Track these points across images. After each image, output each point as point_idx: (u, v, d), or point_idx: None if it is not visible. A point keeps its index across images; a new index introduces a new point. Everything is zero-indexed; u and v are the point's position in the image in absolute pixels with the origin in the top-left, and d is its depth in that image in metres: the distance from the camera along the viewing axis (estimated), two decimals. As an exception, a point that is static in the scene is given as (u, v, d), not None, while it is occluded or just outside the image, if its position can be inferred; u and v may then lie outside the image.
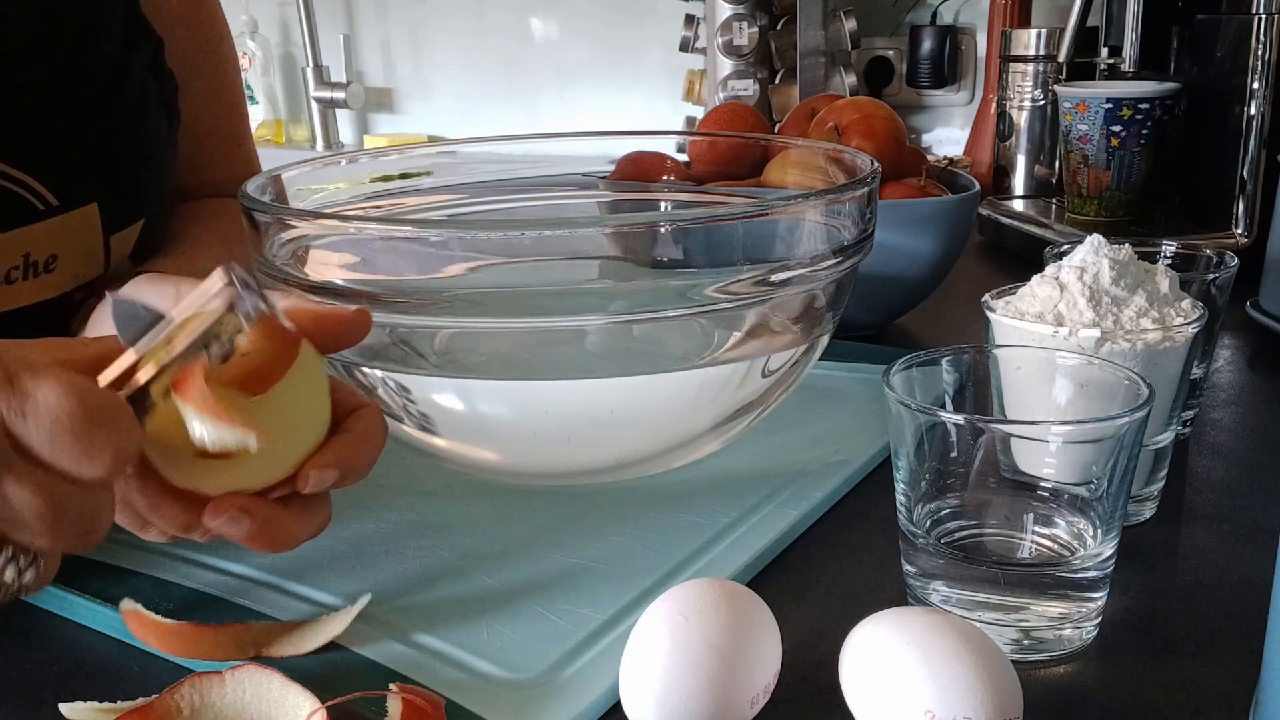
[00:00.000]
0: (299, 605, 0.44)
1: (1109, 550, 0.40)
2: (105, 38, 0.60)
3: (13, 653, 0.43)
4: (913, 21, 1.50)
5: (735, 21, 1.39)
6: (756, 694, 0.36)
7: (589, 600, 0.44)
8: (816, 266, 0.50)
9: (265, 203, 0.51)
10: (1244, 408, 0.66)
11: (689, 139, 0.84)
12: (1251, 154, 0.91)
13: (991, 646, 0.35)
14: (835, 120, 0.82)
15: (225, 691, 0.37)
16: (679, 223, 0.52)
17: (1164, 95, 0.99)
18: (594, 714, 0.38)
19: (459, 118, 1.96)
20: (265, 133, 2.07)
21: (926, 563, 0.42)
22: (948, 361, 0.45)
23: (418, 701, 0.36)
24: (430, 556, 0.48)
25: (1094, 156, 1.01)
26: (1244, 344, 0.77)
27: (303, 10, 1.90)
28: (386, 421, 0.39)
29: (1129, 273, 0.49)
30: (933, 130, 1.56)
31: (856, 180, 0.53)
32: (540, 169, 0.72)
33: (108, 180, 0.59)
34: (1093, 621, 0.41)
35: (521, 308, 0.49)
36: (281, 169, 0.58)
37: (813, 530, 0.51)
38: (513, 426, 0.53)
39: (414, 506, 0.53)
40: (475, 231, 0.49)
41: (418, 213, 0.67)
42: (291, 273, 0.49)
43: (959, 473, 0.41)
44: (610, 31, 1.77)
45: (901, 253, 0.74)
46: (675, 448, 0.53)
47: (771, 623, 0.38)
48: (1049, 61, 1.17)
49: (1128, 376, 0.42)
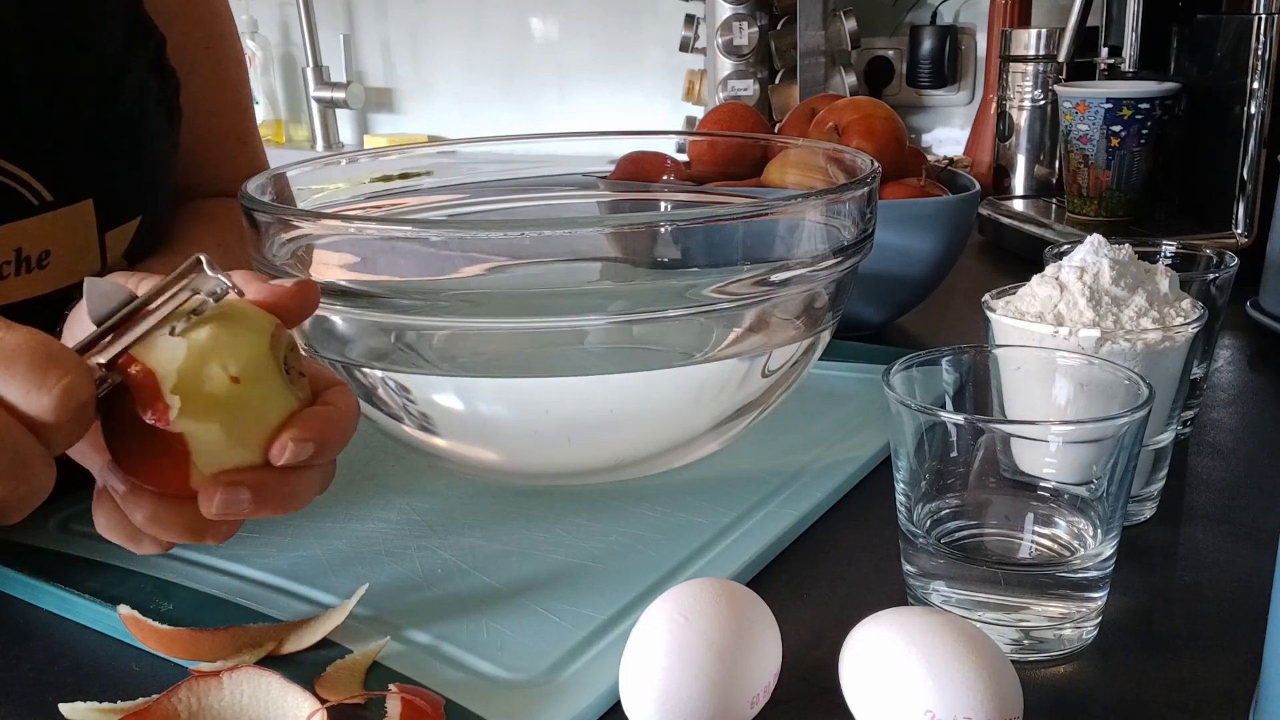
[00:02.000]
0: (298, 605, 0.44)
1: (1109, 550, 0.40)
2: (105, 34, 0.60)
3: (13, 653, 0.43)
4: (913, 21, 1.50)
5: (735, 21, 1.39)
6: (756, 694, 0.36)
7: (589, 600, 0.44)
8: (816, 266, 0.50)
9: (265, 203, 0.51)
10: (1244, 408, 0.66)
11: (689, 139, 0.84)
12: (1251, 154, 0.91)
13: (991, 646, 0.35)
14: (835, 120, 0.82)
15: (223, 694, 0.37)
16: (679, 223, 0.52)
17: (1164, 95, 0.99)
18: (594, 714, 0.38)
19: (459, 118, 1.96)
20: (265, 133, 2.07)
21: (926, 563, 0.42)
22: (948, 361, 0.45)
23: (417, 701, 0.36)
24: (430, 556, 0.48)
25: (1094, 156, 1.01)
26: (1244, 344, 0.77)
27: (303, 10, 1.90)
28: (359, 402, 0.39)
29: (1129, 273, 0.49)
30: (933, 130, 1.56)
31: (856, 180, 0.53)
32: (540, 169, 0.72)
33: (103, 177, 0.59)
34: (1093, 621, 0.41)
35: (521, 308, 0.49)
36: (281, 169, 0.58)
37: (813, 530, 0.51)
38: (513, 426, 0.53)
39: (414, 506, 0.53)
40: (475, 231, 0.49)
41: (418, 213, 0.67)
42: (292, 273, 0.49)
43: (959, 473, 0.41)
44: (610, 31, 1.77)
45: (901, 253, 0.74)
46: (675, 448, 0.53)
47: (771, 623, 0.38)
48: (1049, 61, 1.17)
49: (1128, 376, 0.42)
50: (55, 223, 0.56)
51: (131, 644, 0.43)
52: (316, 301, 0.39)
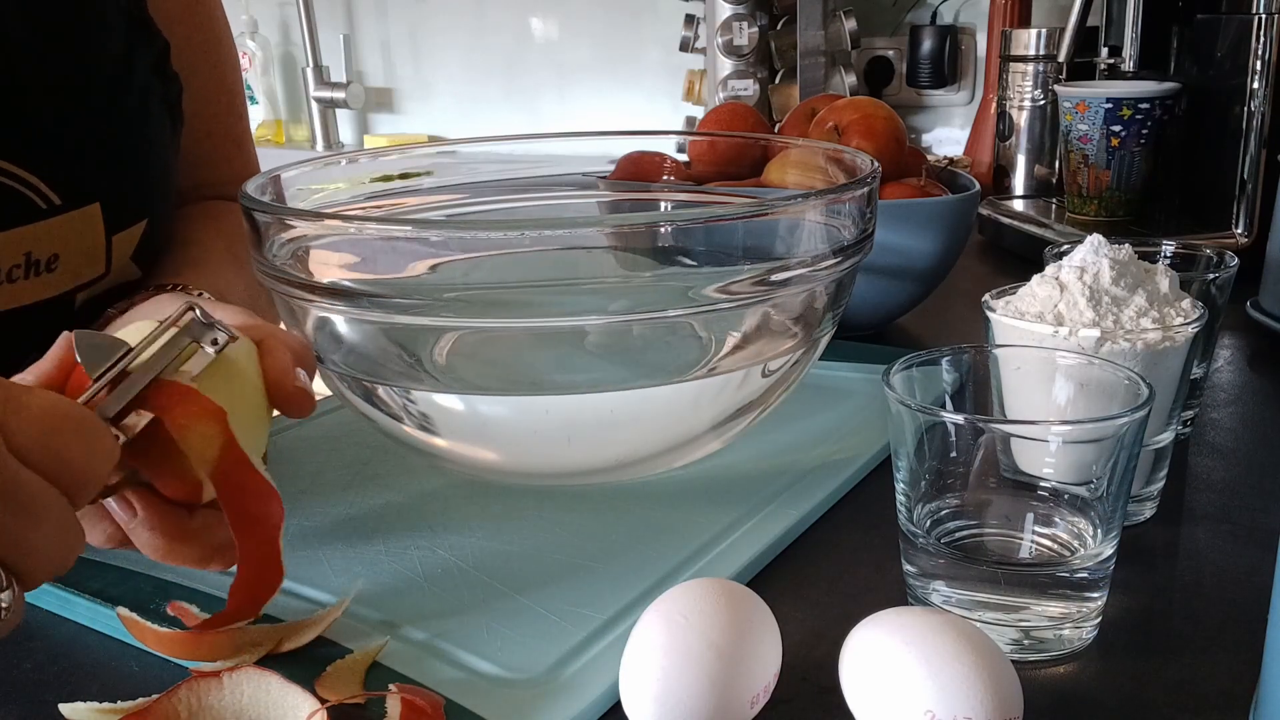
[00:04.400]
0: (298, 605, 0.44)
1: (1109, 550, 0.40)
2: (109, 37, 0.60)
3: (13, 653, 0.43)
4: (913, 21, 1.50)
5: (735, 21, 1.39)
6: (756, 694, 0.36)
7: (589, 600, 0.44)
8: (816, 266, 0.50)
9: (265, 203, 0.51)
10: (1244, 408, 0.66)
11: (689, 139, 0.84)
12: (1251, 154, 0.91)
13: (991, 646, 0.35)
14: (835, 120, 0.82)
15: (224, 693, 0.37)
16: (679, 223, 0.52)
17: (1164, 95, 0.99)
18: (594, 714, 0.38)
19: (459, 118, 1.96)
20: (265, 133, 2.07)
21: (926, 563, 0.42)
22: (948, 361, 0.45)
23: (417, 701, 0.36)
24: (430, 556, 0.48)
25: (1094, 156, 1.01)
26: (1244, 344, 0.77)
27: (303, 10, 1.90)
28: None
29: (1129, 273, 0.49)
30: (933, 130, 1.56)
31: (856, 180, 0.53)
32: (540, 169, 0.72)
33: (110, 180, 0.59)
34: (1092, 621, 0.41)
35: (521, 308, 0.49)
36: (281, 169, 0.58)
37: (813, 530, 0.51)
38: (513, 426, 0.54)
39: (414, 507, 0.53)
40: (475, 231, 0.49)
41: (418, 213, 0.67)
42: (292, 273, 0.49)
43: (959, 473, 0.41)
44: (610, 31, 1.77)
45: (901, 253, 0.74)
46: (675, 448, 0.53)
47: (771, 623, 0.38)
48: (1049, 61, 1.17)
49: (1128, 376, 0.42)
50: (63, 226, 0.56)
51: (131, 644, 0.43)
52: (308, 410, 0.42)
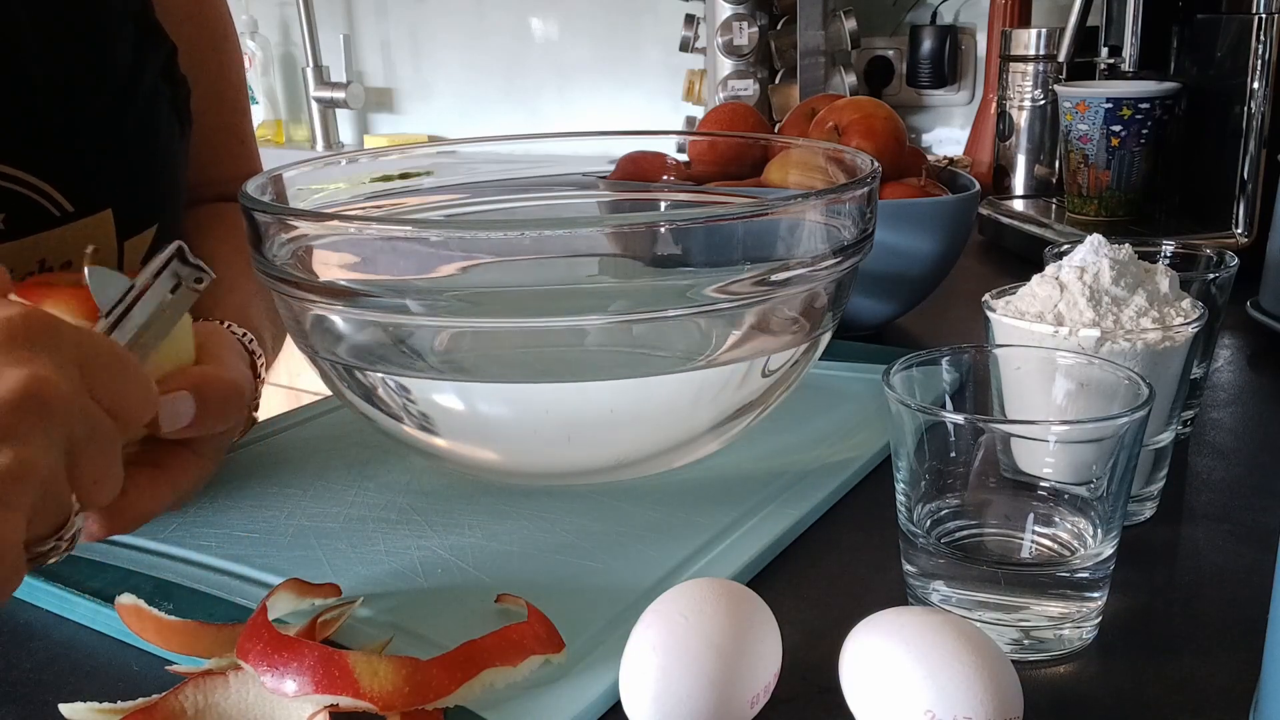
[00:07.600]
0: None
1: (1109, 550, 0.40)
2: (118, 43, 0.60)
3: (13, 653, 0.43)
4: (913, 21, 1.50)
5: (735, 21, 1.39)
6: (756, 694, 0.36)
7: (589, 600, 0.44)
8: (817, 266, 0.50)
9: (265, 203, 0.51)
10: (1244, 408, 0.66)
11: (689, 139, 0.84)
12: (1251, 154, 0.91)
13: (991, 646, 0.35)
14: (835, 120, 0.82)
15: (229, 692, 0.37)
16: (679, 223, 0.52)
17: (1164, 95, 0.99)
18: (594, 714, 0.38)
19: (459, 118, 1.96)
20: (265, 133, 2.07)
21: (926, 563, 0.42)
22: (948, 361, 0.45)
23: (418, 701, 0.36)
24: (430, 556, 0.48)
25: (1094, 156, 1.01)
26: (1244, 344, 0.77)
27: (303, 10, 1.90)
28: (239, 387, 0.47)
29: (1129, 273, 0.49)
30: (933, 130, 1.56)
31: (856, 180, 0.53)
32: (540, 169, 0.72)
33: (121, 186, 0.59)
34: (1093, 621, 0.41)
35: (521, 308, 0.49)
36: (281, 169, 0.58)
37: (813, 530, 0.51)
38: (513, 426, 0.54)
39: (414, 507, 0.53)
40: (475, 231, 0.49)
41: (418, 213, 0.67)
42: (292, 273, 0.49)
43: (959, 473, 0.41)
44: (610, 31, 1.77)
45: (901, 253, 0.74)
46: (675, 448, 0.53)
47: (771, 623, 0.38)
48: (1049, 61, 1.17)
49: (1128, 376, 0.42)
50: (76, 233, 0.56)
51: (131, 644, 0.43)
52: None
